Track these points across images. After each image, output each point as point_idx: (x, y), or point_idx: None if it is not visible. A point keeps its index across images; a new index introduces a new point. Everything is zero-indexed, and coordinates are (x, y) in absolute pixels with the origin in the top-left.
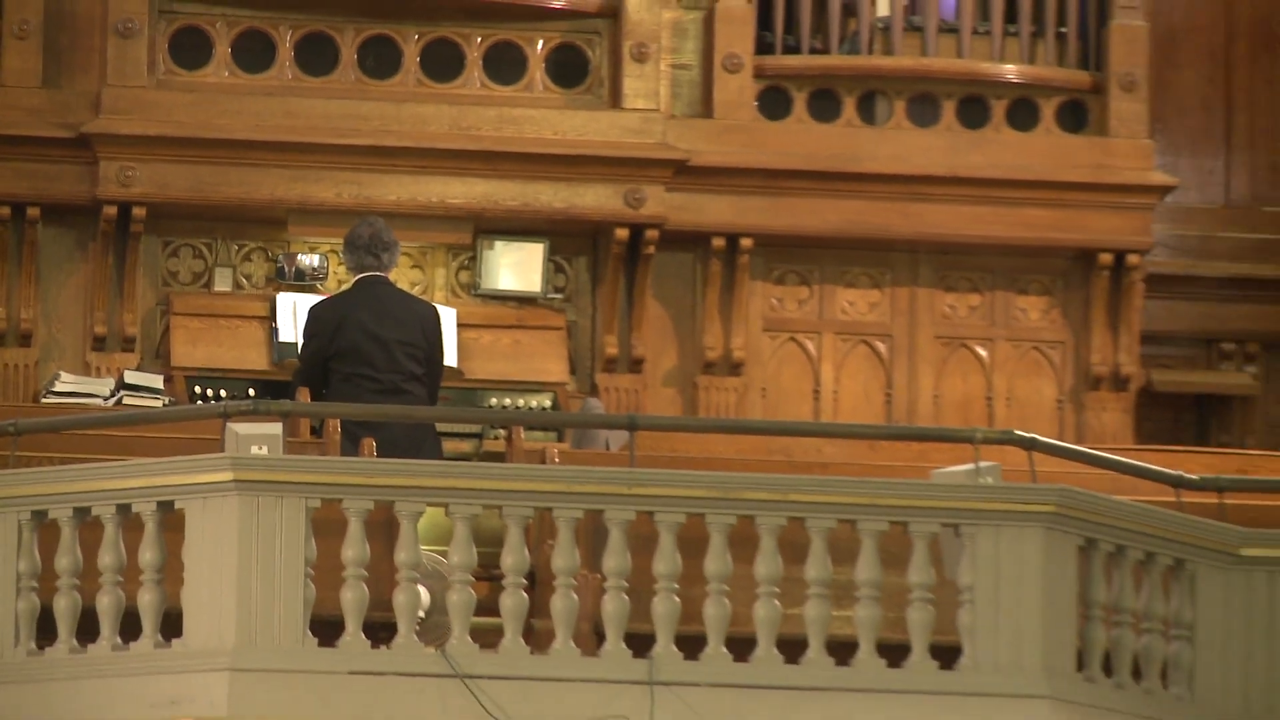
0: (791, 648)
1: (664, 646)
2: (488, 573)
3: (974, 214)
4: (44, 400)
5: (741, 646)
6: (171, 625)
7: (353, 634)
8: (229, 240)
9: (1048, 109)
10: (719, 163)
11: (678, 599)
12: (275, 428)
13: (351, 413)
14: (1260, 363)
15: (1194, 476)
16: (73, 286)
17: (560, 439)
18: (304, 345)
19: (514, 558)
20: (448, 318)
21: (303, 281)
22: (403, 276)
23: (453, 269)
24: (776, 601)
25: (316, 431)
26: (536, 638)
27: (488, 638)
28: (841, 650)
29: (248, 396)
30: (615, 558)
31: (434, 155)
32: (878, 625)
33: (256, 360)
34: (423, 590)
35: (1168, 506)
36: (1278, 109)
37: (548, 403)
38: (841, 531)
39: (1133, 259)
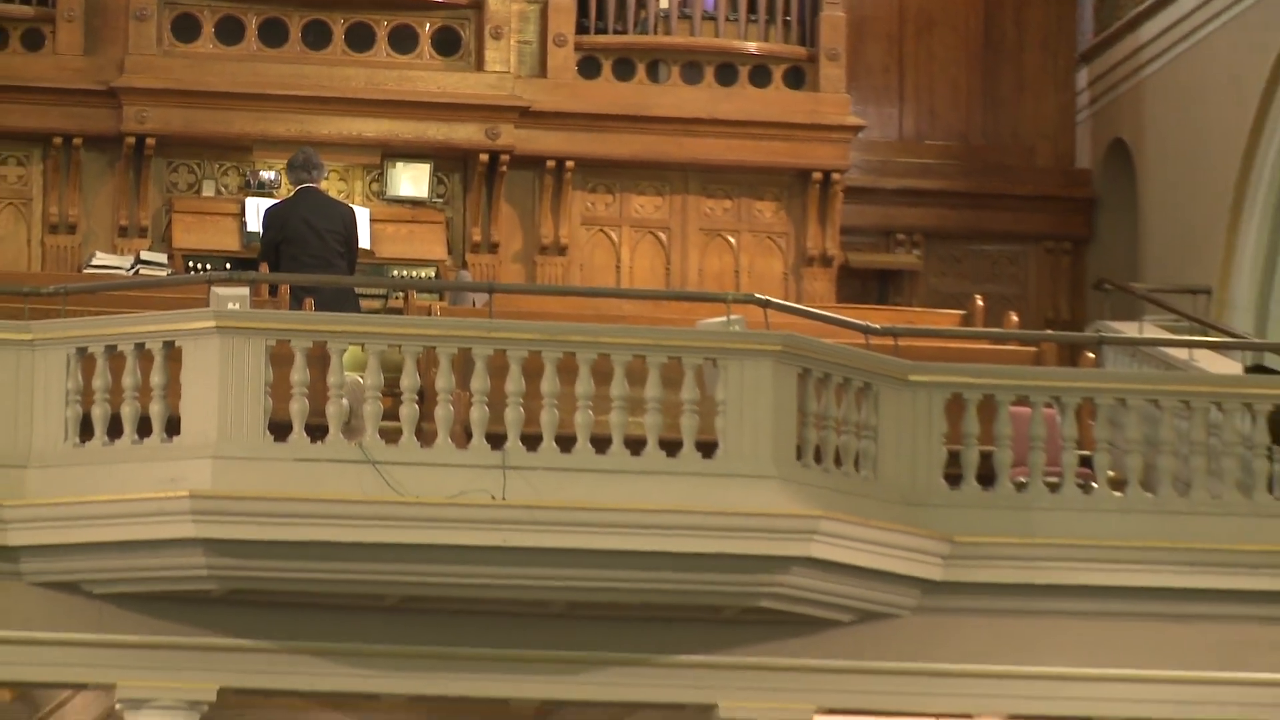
0: (601, 443)
1: (513, 442)
2: (391, 390)
3: (727, 145)
4: (85, 271)
5: (566, 442)
6: (173, 427)
7: (298, 433)
8: (212, 161)
9: (777, 73)
10: (551, 109)
11: (522, 410)
12: (244, 291)
13: (296, 280)
14: (922, 248)
15: (877, 326)
16: (104, 193)
17: (441, 299)
18: (263, 235)
19: (409, 380)
20: (363, 215)
21: (263, 190)
22: (331, 187)
23: (366, 181)
24: (590, 411)
25: (273, 293)
26: (424, 436)
27: (391, 436)
28: (635, 445)
29: (225, 269)
30: (479, 380)
31: (354, 103)
32: (660, 428)
33: (231, 243)
34: (345, 402)
35: (860, 347)
36: (934, 74)
37: (432, 273)
38: (635, 363)
39: (835, 176)
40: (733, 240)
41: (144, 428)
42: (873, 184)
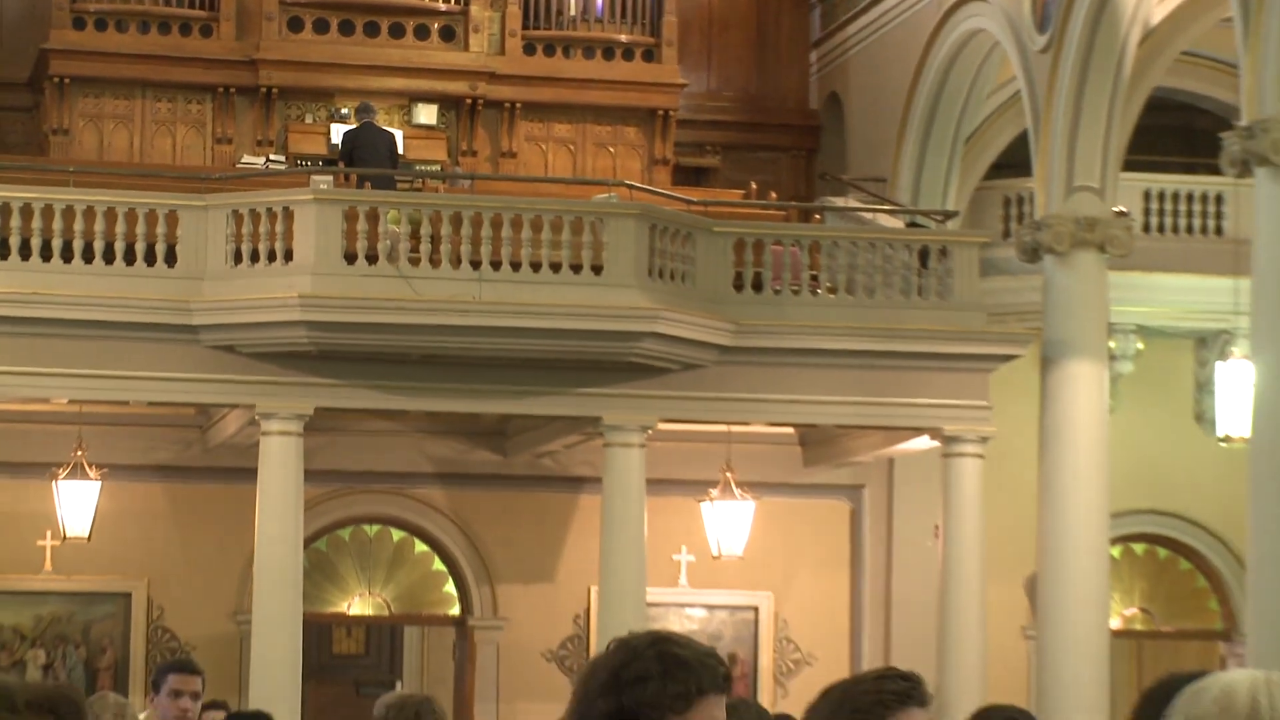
0: (536, 266)
1: (485, 265)
2: (414, 235)
3: (609, 94)
4: (237, 166)
5: (517, 265)
6: (288, 256)
7: (360, 260)
8: (310, 102)
9: (638, 52)
10: (507, 73)
11: (491, 246)
12: (329, 178)
13: (360, 172)
14: (720, 154)
15: (694, 199)
16: (248, 120)
17: (443, 183)
18: (342, 147)
19: (425, 230)
20: (399, 136)
21: (340, 119)
22: (380, 119)
23: (400, 115)
24: (530, 247)
25: (346, 180)
26: (434, 261)
27: (414, 261)
28: (555, 267)
29: (319, 165)
30: (465, 229)
31: (393, 70)
32: (570, 257)
33: (321, 150)
34: (388, 242)
35: (684, 211)
36: (728, 53)
37: (438, 168)
38: (556, 219)
39: (670, 112)
40: (612, 150)
41: (271, 256)
42: (692, 117)
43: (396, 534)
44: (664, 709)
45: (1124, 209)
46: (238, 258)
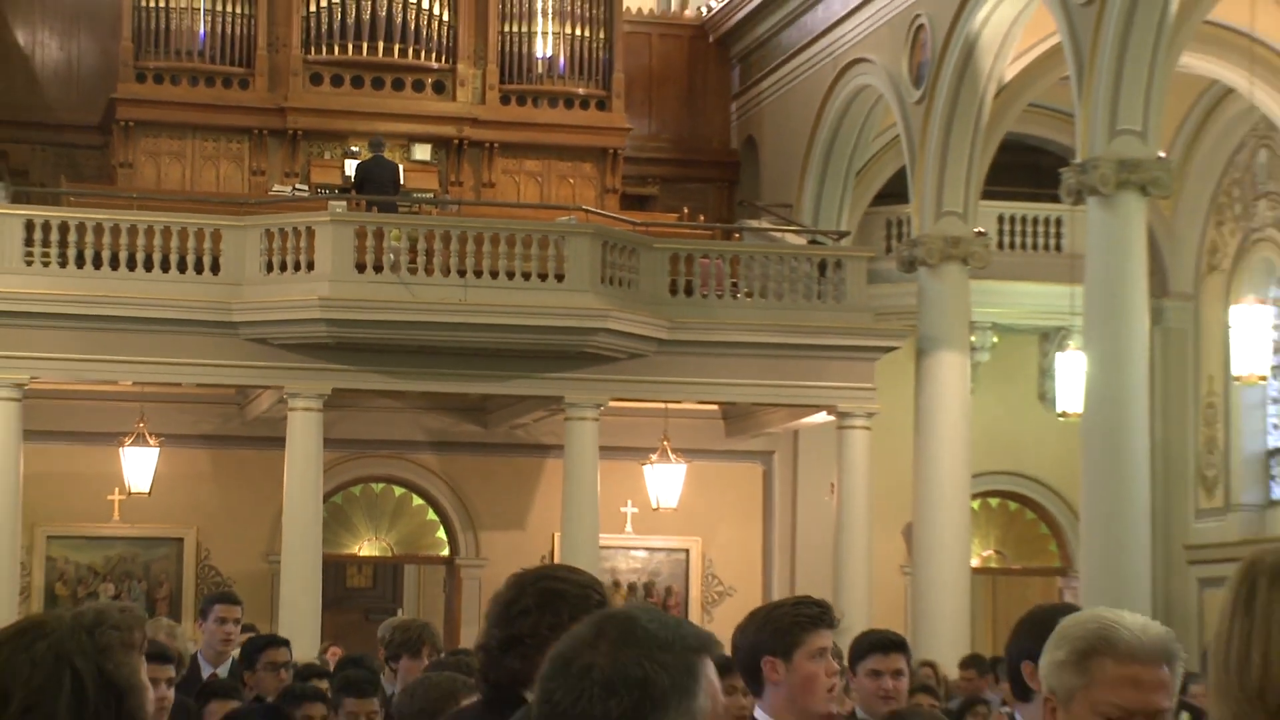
0: (511, 274)
1: (469, 273)
2: (412, 248)
3: (569, 135)
4: (269, 194)
5: (496, 273)
6: (309, 265)
7: (369, 269)
8: (329, 142)
9: (592, 102)
10: (487, 119)
11: (475, 258)
12: (344, 202)
13: (368, 199)
14: (658, 185)
15: (638, 220)
16: (278, 156)
17: (436, 208)
18: (355, 178)
19: (420, 245)
20: (401, 169)
21: (353, 156)
22: (387, 156)
23: (401, 152)
24: (506, 259)
25: (358, 205)
26: (428, 269)
27: (412, 270)
28: (526, 275)
29: (335, 193)
30: (454, 245)
31: (396, 116)
32: (538, 266)
33: (337, 181)
34: (391, 255)
35: (630, 231)
36: (664, 103)
37: (431, 195)
38: (527, 237)
39: (619, 151)
40: (571, 181)
41: (296, 266)
42: (635, 154)
43: (398, 490)
44: (543, 638)
45: (982, 230)
46: (269, 267)
